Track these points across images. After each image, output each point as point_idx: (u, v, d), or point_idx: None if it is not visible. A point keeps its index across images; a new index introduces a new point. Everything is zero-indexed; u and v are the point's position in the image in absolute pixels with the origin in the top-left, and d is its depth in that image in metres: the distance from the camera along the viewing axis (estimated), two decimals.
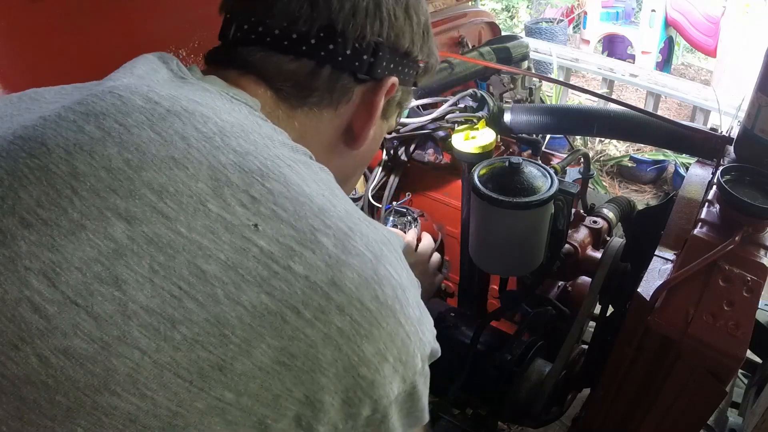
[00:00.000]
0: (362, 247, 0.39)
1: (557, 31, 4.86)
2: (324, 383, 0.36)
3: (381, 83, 0.56)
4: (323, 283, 0.37)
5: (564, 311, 1.11)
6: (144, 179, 0.37)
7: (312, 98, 0.53)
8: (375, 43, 0.53)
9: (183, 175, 0.38)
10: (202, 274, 0.35)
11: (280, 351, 0.35)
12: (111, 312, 0.34)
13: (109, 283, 0.34)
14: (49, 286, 0.34)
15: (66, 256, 0.35)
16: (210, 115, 0.43)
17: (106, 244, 0.35)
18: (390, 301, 0.39)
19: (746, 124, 0.91)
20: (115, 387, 0.33)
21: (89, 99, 0.42)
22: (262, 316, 0.35)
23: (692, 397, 0.77)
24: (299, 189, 0.40)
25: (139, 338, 0.33)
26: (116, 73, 0.49)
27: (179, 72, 0.51)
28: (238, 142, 0.41)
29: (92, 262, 0.35)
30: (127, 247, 0.35)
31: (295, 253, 0.37)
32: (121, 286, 0.34)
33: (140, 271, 0.35)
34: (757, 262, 0.78)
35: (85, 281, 0.34)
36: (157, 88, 0.44)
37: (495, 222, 0.90)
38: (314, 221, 0.39)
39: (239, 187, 0.39)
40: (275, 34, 0.51)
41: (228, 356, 0.34)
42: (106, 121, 0.40)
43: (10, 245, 0.35)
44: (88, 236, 0.35)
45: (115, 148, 0.39)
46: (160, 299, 0.34)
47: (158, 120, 0.41)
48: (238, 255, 0.36)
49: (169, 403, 0.33)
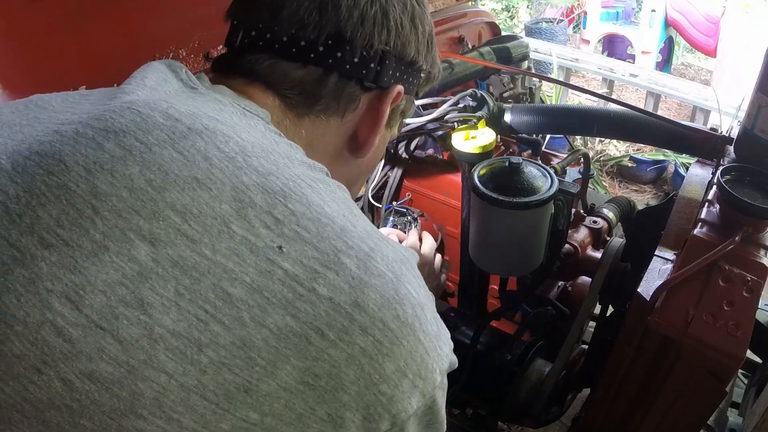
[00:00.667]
0: (383, 267, 0.40)
1: (557, 31, 4.86)
2: (346, 401, 0.36)
3: (387, 91, 0.56)
4: (347, 305, 0.37)
5: (564, 311, 1.10)
6: (167, 200, 0.37)
7: (319, 105, 0.53)
8: (382, 52, 0.54)
9: (206, 196, 0.38)
10: (227, 297, 0.35)
11: (304, 372, 0.35)
12: (137, 336, 0.33)
13: (134, 307, 0.34)
14: (73, 309, 0.33)
15: (89, 279, 0.34)
16: (231, 134, 0.43)
17: (131, 266, 0.35)
18: (410, 319, 0.39)
19: (746, 124, 0.91)
20: (141, 410, 0.33)
21: (107, 115, 0.41)
22: (287, 338, 0.35)
23: (692, 397, 0.77)
24: (320, 210, 0.40)
25: (166, 362, 0.33)
26: (128, 85, 0.49)
27: (189, 82, 0.51)
28: (260, 162, 0.41)
29: (116, 285, 0.34)
30: (151, 270, 0.35)
31: (319, 275, 0.37)
32: (147, 310, 0.34)
33: (166, 294, 0.34)
34: (757, 262, 0.78)
35: (110, 304, 0.34)
36: (176, 104, 0.44)
37: (495, 222, 0.90)
38: (337, 242, 0.39)
39: (263, 208, 0.38)
40: (283, 41, 0.51)
41: (254, 378, 0.34)
42: (126, 138, 0.40)
43: (30, 266, 0.34)
44: (111, 258, 0.35)
45: (137, 167, 0.38)
46: (186, 323, 0.34)
47: (180, 138, 0.40)
48: (263, 277, 0.36)
49: (195, 425, 0.33)
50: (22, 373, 0.32)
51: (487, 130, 1.10)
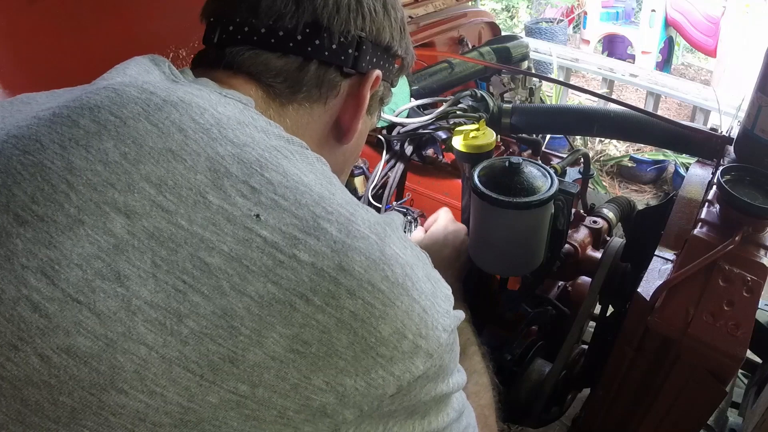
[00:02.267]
0: (366, 229, 0.40)
1: (557, 31, 4.86)
2: (342, 366, 0.36)
3: (366, 76, 0.58)
4: (331, 269, 0.37)
5: (564, 311, 1.10)
6: (142, 172, 0.37)
7: (301, 93, 0.54)
8: (359, 38, 0.55)
9: (181, 168, 0.38)
10: (205, 267, 0.35)
11: (292, 339, 0.35)
12: (114, 308, 0.33)
13: (111, 280, 0.34)
14: (49, 284, 0.33)
15: (65, 253, 0.34)
16: (206, 106, 0.43)
17: (106, 239, 0.35)
18: (401, 279, 0.39)
19: (746, 124, 0.91)
20: (122, 384, 0.33)
21: (83, 96, 0.42)
22: (270, 305, 0.35)
23: (692, 397, 0.77)
24: (297, 178, 0.41)
25: (145, 334, 0.33)
26: (108, 74, 0.49)
27: (171, 75, 0.51)
28: (235, 134, 0.41)
29: (92, 258, 0.34)
30: (127, 242, 0.35)
31: (299, 241, 0.37)
32: (124, 282, 0.34)
33: (142, 266, 0.34)
34: (757, 262, 0.78)
35: (86, 278, 0.34)
36: (151, 80, 0.45)
37: (495, 222, 0.90)
38: (316, 208, 0.39)
39: (239, 177, 0.39)
40: (261, 33, 0.52)
41: (239, 348, 0.34)
42: (101, 113, 0.40)
43: (5, 243, 0.34)
44: (86, 232, 0.35)
45: (111, 141, 0.38)
46: (164, 294, 0.34)
47: (154, 111, 0.41)
48: (241, 246, 0.36)
49: (180, 399, 0.33)
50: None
51: (487, 130, 1.10)
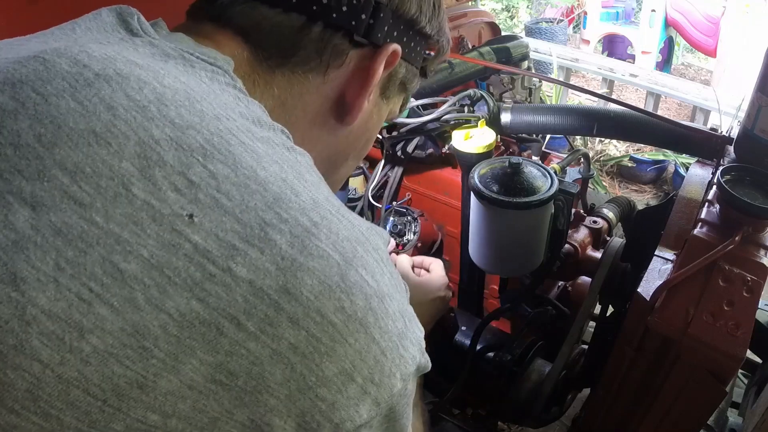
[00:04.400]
0: (328, 246, 0.33)
1: (557, 31, 4.86)
2: (273, 404, 0.31)
3: (380, 49, 0.50)
4: (272, 290, 0.31)
5: (564, 311, 1.11)
6: (56, 158, 0.31)
7: (296, 57, 0.47)
8: (376, 2, 0.48)
9: (104, 153, 0.32)
10: (118, 274, 0.30)
11: (215, 368, 0.30)
12: (6, 316, 0.28)
13: (6, 282, 0.29)
14: None
15: None
16: (148, 79, 0.36)
17: (6, 234, 0.29)
18: (361, 312, 0.33)
19: (746, 124, 0.91)
20: (12, 404, 0.28)
21: (11, 66, 0.36)
22: (191, 326, 0.30)
23: (692, 397, 0.77)
24: (251, 173, 0.34)
25: (40, 348, 0.28)
26: (59, 29, 0.44)
27: (138, 30, 0.44)
28: (179, 113, 0.35)
29: None
30: (29, 238, 0.29)
31: (238, 252, 0.31)
32: (20, 286, 0.29)
33: (43, 268, 0.29)
34: (757, 262, 0.78)
35: None
36: (91, 48, 0.38)
37: (495, 222, 0.90)
38: (266, 213, 0.33)
39: (174, 167, 0.32)
40: None
41: (149, 372, 0.29)
42: (22, 90, 0.34)
43: None
44: None
45: (27, 121, 0.33)
46: (65, 302, 0.29)
47: (83, 86, 0.34)
48: (165, 252, 0.30)
49: (79, 424, 0.29)
50: None
51: (487, 130, 1.10)
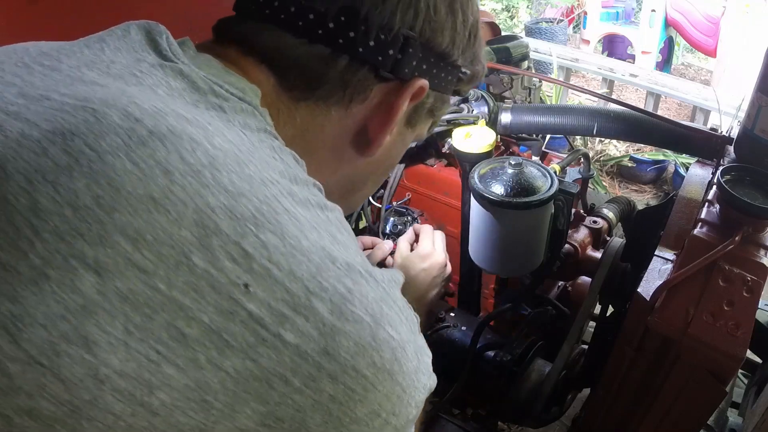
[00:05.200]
0: (361, 311, 0.36)
1: (557, 31, 4.86)
2: None
3: (407, 85, 0.49)
4: (314, 352, 0.34)
5: (564, 311, 1.11)
6: (117, 223, 0.32)
7: (320, 90, 0.47)
8: (404, 37, 0.47)
9: (164, 220, 0.33)
10: (182, 338, 0.32)
11: (265, 415, 0.34)
12: (81, 375, 0.30)
13: (77, 344, 0.30)
14: (11, 342, 0.30)
15: (28, 310, 0.31)
16: (200, 139, 0.37)
17: (73, 298, 0.31)
18: (388, 364, 0.37)
19: (746, 124, 0.91)
20: None
21: (58, 114, 0.36)
22: (246, 382, 0.33)
23: (692, 397, 0.77)
24: (296, 242, 0.36)
25: (113, 403, 0.31)
26: (86, 46, 0.44)
27: (169, 53, 0.44)
28: (231, 179, 0.36)
29: (58, 318, 0.31)
30: (97, 304, 0.31)
31: (287, 319, 0.34)
32: (92, 348, 0.31)
33: (113, 332, 0.31)
34: (757, 262, 0.78)
35: (51, 340, 0.30)
36: (138, 97, 0.38)
37: (495, 222, 0.90)
38: (310, 283, 0.35)
39: (230, 237, 0.34)
40: (290, 12, 0.45)
41: (209, 420, 0.33)
42: (74, 142, 0.34)
43: None
44: (52, 288, 0.31)
45: (83, 180, 0.33)
46: (135, 363, 0.31)
47: (137, 146, 0.35)
48: (223, 318, 0.33)
49: None
50: None
51: (487, 130, 1.10)
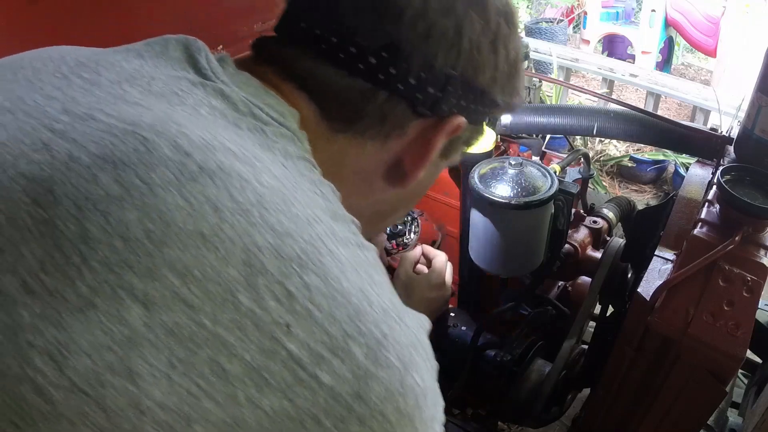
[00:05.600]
0: (393, 356, 0.37)
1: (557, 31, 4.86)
2: None
3: (445, 122, 0.48)
4: (347, 395, 0.35)
5: (564, 311, 1.11)
6: (166, 258, 0.33)
7: (359, 124, 0.47)
8: (446, 76, 0.46)
9: (212, 258, 0.33)
10: (223, 374, 0.32)
11: None
12: (123, 406, 0.31)
13: (122, 375, 0.31)
14: (55, 369, 0.30)
15: (74, 338, 0.31)
16: (248, 176, 0.37)
17: (120, 329, 0.31)
18: (410, 410, 0.37)
19: (746, 125, 0.91)
20: None
21: (107, 139, 0.36)
22: (281, 421, 0.33)
23: (692, 397, 0.77)
24: (337, 284, 0.37)
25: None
26: (124, 59, 0.44)
27: (209, 71, 0.44)
28: (278, 218, 0.36)
29: (103, 348, 0.31)
30: (143, 336, 0.31)
31: (324, 361, 0.34)
32: (135, 380, 0.31)
33: (157, 365, 0.31)
34: (757, 262, 0.78)
35: (96, 370, 0.31)
36: (187, 127, 0.38)
37: (495, 222, 0.90)
38: (348, 326, 0.36)
39: (275, 277, 0.34)
40: (332, 43, 0.45)
41: None
42: (125, 173, 0.34)
43: (10, 311, 0.31)
44: (99, 318, 0.31)
45: (135, 212, 0.33)
46: (177, 397, 0.31)
47: (188, 181, 0.35)
48: (264, 357, 0.33)
49: None
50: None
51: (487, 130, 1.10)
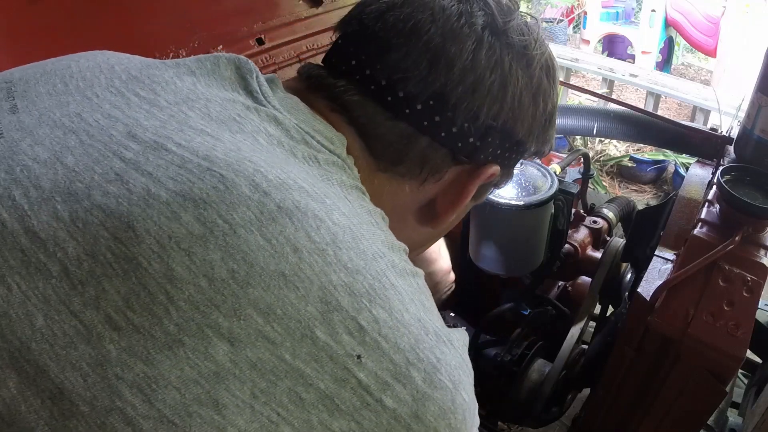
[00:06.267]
0: (446, 378, 0.40)
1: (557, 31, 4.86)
2: None
3: (480, 170, 0.51)
4: (407, 416, 0.37)
5: (564, 311, 1.11)
6: (250, 297, 0.34)
7: (400, 168, 0.49)
8: (487, 127, 0.48)
9: (293, 297, 0.35)
10: (300, 402, 0.34)
11: None
12: None
13: (208, 406, 0.33)
14: (145, 402, 0.32)
15: (162, 373, 0.32)
16: (323, 215, 0.39)
17: (207, 365, 0.33)
18: (459, 424, 0.40)
19: (746, 125, 0.91)
20: None
21: (184, 175, 0.37)
22: None
23: (692, 397, 0.77)
24: (400, 317, 0.39)
25: None
26: (176, 75, 0.45)
27: (257, 91, 0.46)
28: (350, 256, 0.39)
29: (191, 383, 0.33)
30: (229, 371, 0.33)
31: (389, 387, 0.37)
32: (221, 411, 0.33)
33: (241, 396, 0.33)
34: (757, 262, 0.78)
35: (184, 402, 0.32)
36: (262, 166, 0.39)
37: (495, 222, 0.90)
38: (410, 354, 0.38)
39: (348, 312, 0.37)
40: (381, 85, 0.46)
41: None
42: (207, 212, 0.35)
43: (96, 345, 0.32)
44: (186, 354, 0.33)
45: (219, 253, 0.34)
46: (258, 424, 0.33)
47: (268, 221, 0.36)
48: (336, 385, 0.35)
49: None
50: None
51: None
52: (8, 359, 0.32)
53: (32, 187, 0.35)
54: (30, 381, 0.31)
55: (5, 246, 0.33)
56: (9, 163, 0.36)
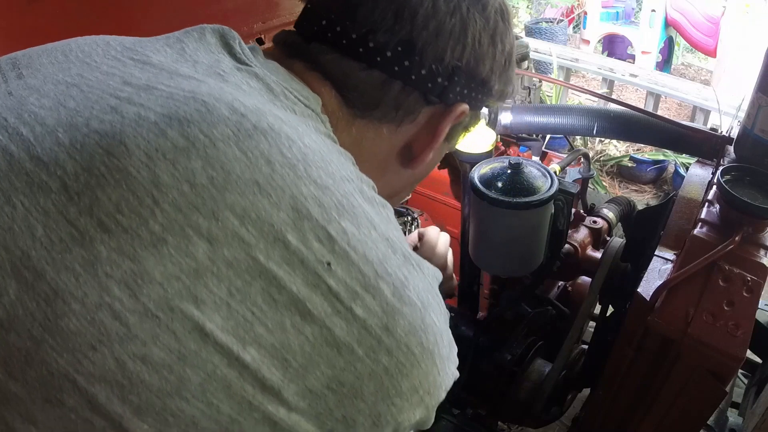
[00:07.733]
0: (414, 296, 0.42)
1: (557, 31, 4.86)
2: (362, 408, 0.39)
3: (450, 109, 0.55)
4: (377, 327, 0.39)
5: (564, 311, 1.11)
6: (227, 201, 0.37)
7: (376, 111, 0.53)
8: (453, 67, 0.52)
9: (266, 203, 0.38)
10: (273, 303, 0.37)
11: (330, 378, 0.38)
12: (189, 328, 0.35)
13: (189, 301, 0.35)
14: (131, 297, 0.35)
15: (147, 269, 0.35)
16: (295, 138, 0.42)
17: (188, 262, 0.36)
18: (431, 346, 0.42)
19: (746, 124, 0.91)
20: (186, 394, 0.35)
21: (170, 102, 0.41)
22: (320, 346, 0.38)
23: (692, 397, 0.77)
24: (368, 232, 0.42)
25: (214, 355, 0.36)
26: (167, 44, 0.48)
27: (243, 56, 0.49)
28: (319, 174, 0.41)
29: (173, 278, 0.35)
30: (207, 268, 0.36)
31: (358, 296, 0.39)
32: (200, 306, 0.35)
33: (218, 293, 0.36)
34: (757, 262, 0.78)
35: (166, 296, 0.35)
36: (240, 96, 0.43)
37: (495, 222, 0.90)
38: (378, 267, 0.40)
39: (318, 221, 0.39)
40: (352, 39, 0.50)
41: (286, 378, 0.37)
42: (190, 129, 0.39)
43: (89, 247, 0.35)
44: (169, 252, 0.36)
45: (199, 161, 0.38)
46: (234, 322, 0.36)
47: (245, 137, 0.40)
48: (308, 289, 0.38)
49: (231, 411, 0.36)
50: (77, 347, 0.34)
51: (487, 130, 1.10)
52: (9, 269, 0.35)
53: (38, 125, 0.39)
54: (28, 286, 0.34)
55: (12, 172, 0.37)
56: (18, 111, 0.40)
